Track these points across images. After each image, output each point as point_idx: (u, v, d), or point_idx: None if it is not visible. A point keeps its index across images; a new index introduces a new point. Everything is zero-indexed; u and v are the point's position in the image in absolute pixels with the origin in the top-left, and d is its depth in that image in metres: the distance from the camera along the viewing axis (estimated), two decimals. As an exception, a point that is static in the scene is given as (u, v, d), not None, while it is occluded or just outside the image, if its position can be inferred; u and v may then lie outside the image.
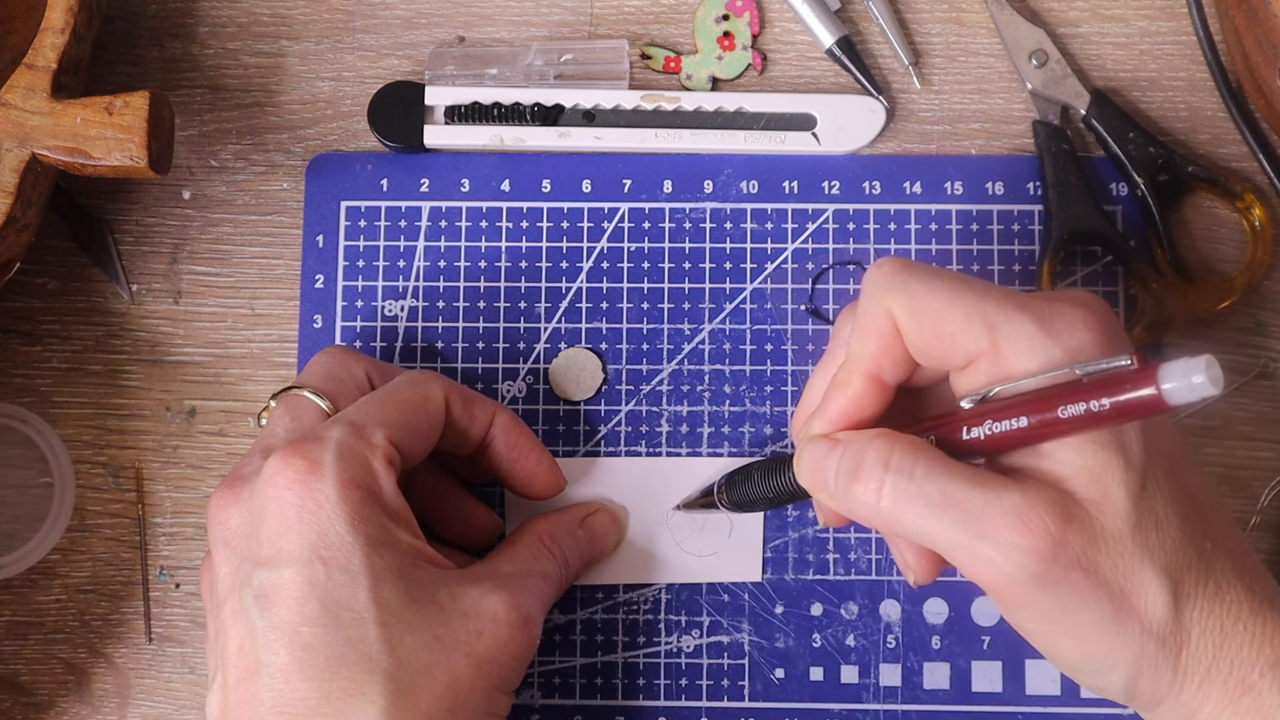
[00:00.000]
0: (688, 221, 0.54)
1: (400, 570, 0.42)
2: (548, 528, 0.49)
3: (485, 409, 0.48)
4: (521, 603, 0.44)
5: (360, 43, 0.55)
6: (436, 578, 0.43)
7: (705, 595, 0.52)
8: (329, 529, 0.41)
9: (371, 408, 0.44)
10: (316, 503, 0.41)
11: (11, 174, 0.48)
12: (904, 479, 0.39)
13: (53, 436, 0.53)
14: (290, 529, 0.41)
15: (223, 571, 0.43)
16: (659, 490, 0.52)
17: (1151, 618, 0.38)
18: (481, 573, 0.45)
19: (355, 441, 0.43)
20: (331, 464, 0.42)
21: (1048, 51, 0.54)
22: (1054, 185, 0.52)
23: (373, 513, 0.42)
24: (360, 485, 0.42)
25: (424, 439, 0.46)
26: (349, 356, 0.48)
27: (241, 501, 0.43)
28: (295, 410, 0.45)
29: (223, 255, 0.54)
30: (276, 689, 0.40)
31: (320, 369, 0.47)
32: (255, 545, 0.42)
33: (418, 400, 0.46)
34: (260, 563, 0.41)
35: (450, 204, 0.54)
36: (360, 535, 0.41)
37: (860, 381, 0.42)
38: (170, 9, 0.56)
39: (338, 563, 0.41)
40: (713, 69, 0.55)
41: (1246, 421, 0.53)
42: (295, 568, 0.41)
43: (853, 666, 0.51)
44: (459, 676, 0.42)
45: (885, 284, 0.41)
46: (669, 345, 0.53)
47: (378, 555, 0.41)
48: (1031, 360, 0.39)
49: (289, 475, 0.42)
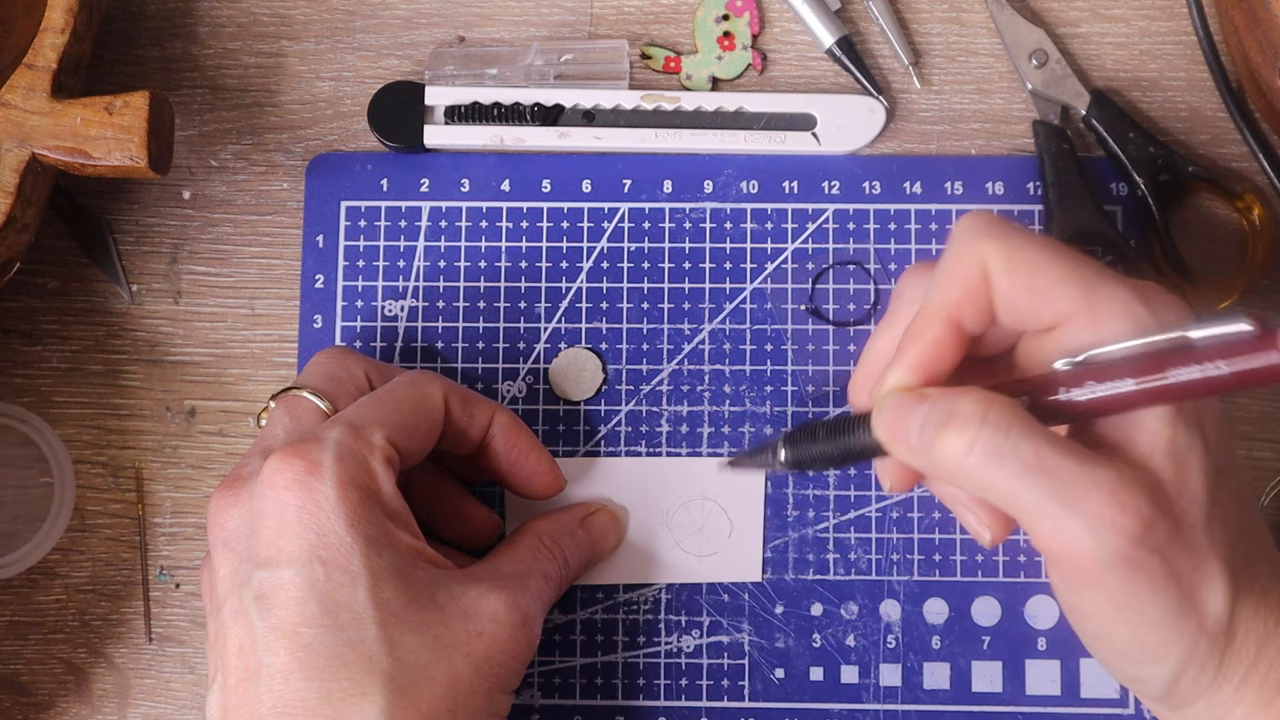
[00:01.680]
0: (688, 221, 0.54)
1: (399, 570, 0.42)
2: (548, 528, 0.49)
3: (485, 409, 0.48)
4: (522, 603, 0.44)
5: (360, 43, 0.55)
6: (436, 578, 0.43)
7: (705, 595, 0.52)
8: (328, 529, 0.41)
9: (371, 408, 0.44)
10: (316, 503, 0.41)
11: (11, 174, 0.48)
12: (1000, 435, 0.36)
13: (53, 436, 0.53)
14: (290, 530, 0.41)
15: (222, 572, 0.43)
16: (659, 490, 0.52)
17: (1210, 614, 0.37)
18: (481, 572, 0.45)
19: (354, 442, 0.43)
20: (331, 464, 0.42)
21: (1048, 51, 0.54)
22: (1054, 185, 0.52)
23: (372, 513, 0.42)
24: (359, 486, 0.42)
25: (423, 439, 0.46)
26: (348, 357, 0.48)
27: (241, 502, 0.43)
28: (294, 411, 0.45)
29: (223, 255, 0.54)
30: (276, 690, 0.40)
31: (319, 370, 0.47)
32: (255, 546, 0.42)
33: (417, 400, 0.46)
34: (260, 564, 0.41)
35: (450, 204, 0.54)
36: (359, 536, 0.41)
37: (939, 328, 0.39)
38: (170, 9, 0.56)
39: (337, 563, 0.41)
40: (713, 69, 0.55)
41: (1247, 421, 0.53)
42: (295, 568, 0.41)
43: (853, 666, 0.51)
44: (459, 677, 0.42)
45: (981, 230, 0.39)
46: (669, 345, 0.53)
47: (377, 555, 0.42)
48: (1128, 324, 0.37)
49: (288, 476, 0.42)
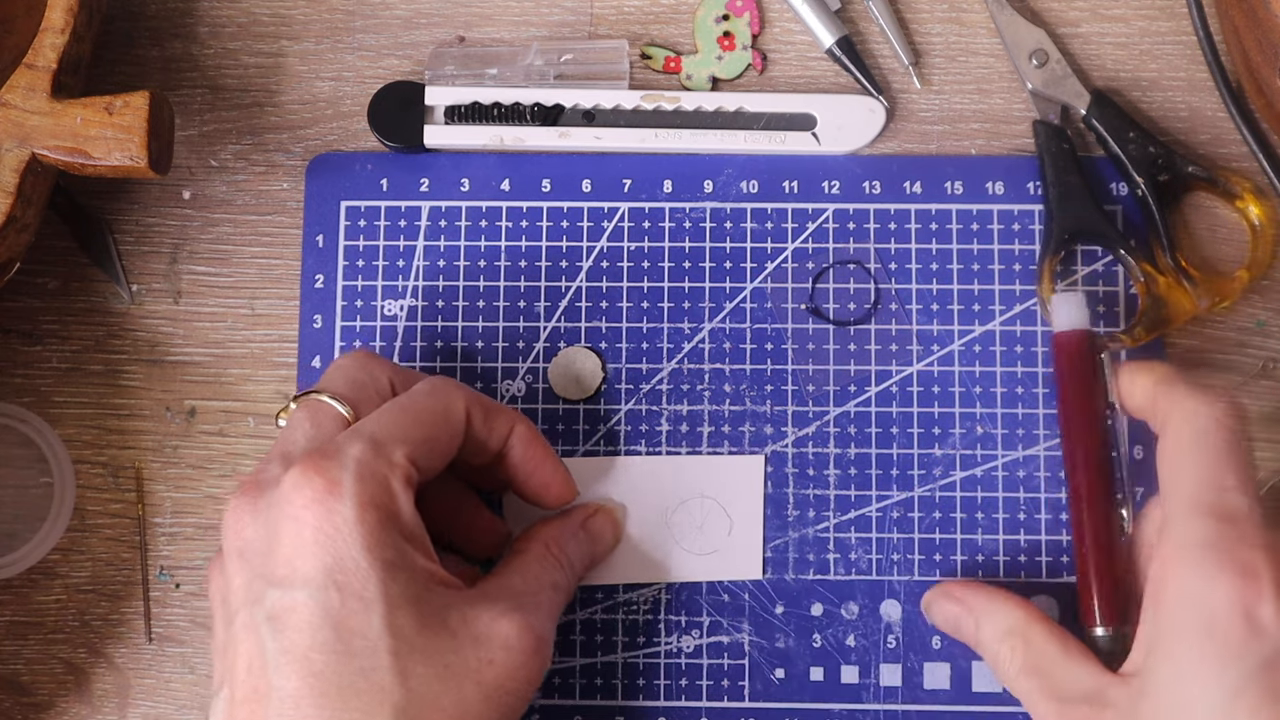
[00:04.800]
0: (688, 221, 0.54)
1: (414, 596, 0.41)
2: (554, 534, 0.49)
3: (505, 420, 0.47)
4: (535, 624, 0.44)
5: (360, 43, 0.55)
6: (449, 601, 0.42)
7: (705, 595, 0.52)
8: (345, 553, 0.41)
9: (393, 421, 0.44)
10: (334, 525, 0.41)
11: (11, 174, 0.48)
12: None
13: (53, 436, 0.53)
14: (306, 550, 0.41)
15: (236, 583, 0.42)
16: (659, 489, 0.52)
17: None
18: (495, 591, 0.45)
19: (375, 460, 0.42)
20: (350, 485, 0.41)
21: (1048, 51, 0.54)
22: (1054, 185, 0.52)
23: (389, 536, 0.41)
24: (378, 507, 0.41)
25: (444, 453, 0.45)
26: (372, 361, 0.47)
27: (259, 512, 0.42)
28: (316, 416, 0.45)
29: (223, 255, 0.54)
30: (286, 714, 0.40)
31: (342, 374, 0.46)
32: (270, 563, 0.41)
33: (439, 412, 0.45)
34: (274, 582, 0.41)
35: (450, 204, 0.54)
36: (376, 560, 0.41)
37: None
38: (170, 9, 0.56)
39: (353, 589, 0.40)
40: (713, 69, 0.55)
41: (1247, 421, 0.53)
42: (309, 591, 0.40)
43: (853, 667, 0.51)
44: (468, 708, 0.41)
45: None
46: (669, 345, 0.53)
47: (393, 581, 0.41)
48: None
49: (307, 494, 0.41)
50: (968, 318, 0.53)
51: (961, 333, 0.53)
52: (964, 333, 0.53)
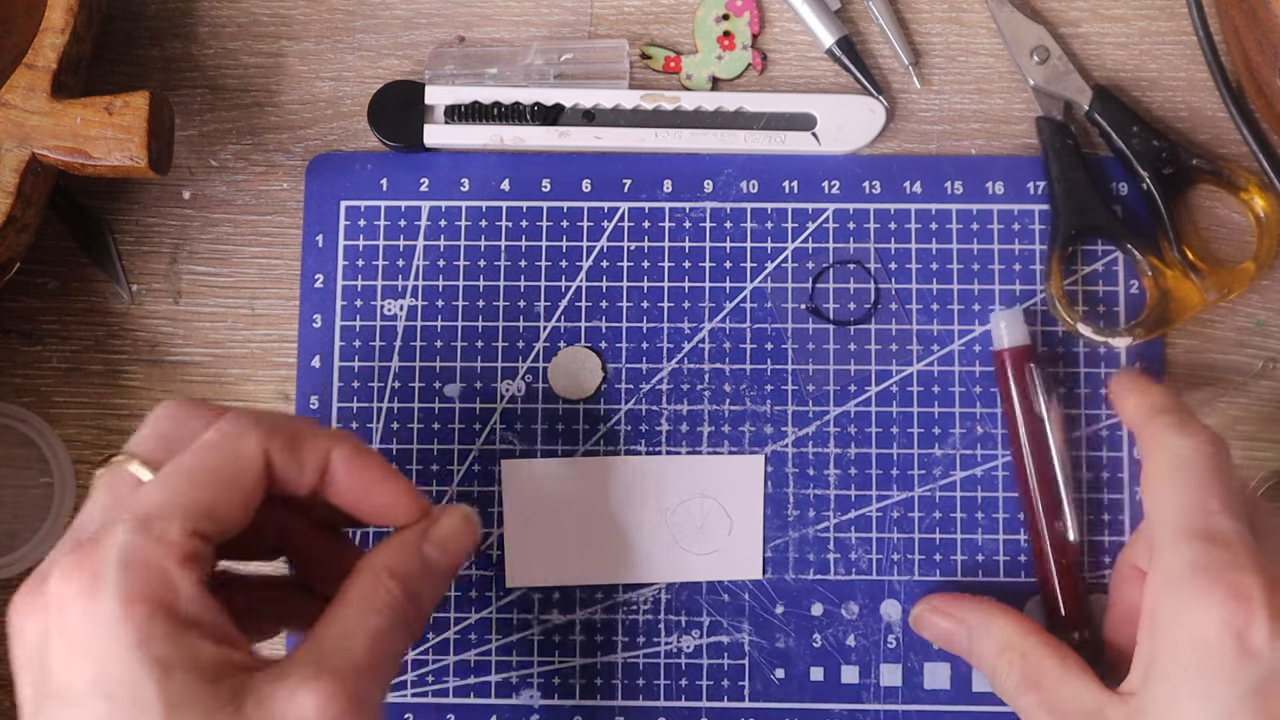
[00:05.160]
0: (688, 221, 0.54)
1: (196, 692, 0.37)
2: (386, 561, 0.42)
3: (317, 446, 0.42)
4: (345, 687, 0.38)
5: (360, 43, 0.55)
6: (243, 685, 0.38)
7: (705, 595, 0.52)
8: (111, 656, 0.36)
9: (168, 490, 0.39)
10: (96, 626, 0.36)
11: (11, 174, 0.48)
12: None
13: (53, 436, 0.53)
14: (74, 659, 0.37)
15: (25, 693, 0.38)
16: (659, 489, 0.52)
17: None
18: (302, 655, 0.39)
19: (144, 544, 0.37)
20: (114, 578, 0.37)
21: (1049, 47, 0.53)
22: (1059, 180, 0.52)
23: (163, 630, 0.37)
24: (148, 599, 0.37)
25: (238, 511, 0.40)
26: (184, 411, 0.42)
27: (35, 614, 0.38)
28: (115, 486, 0.40)
29: (223, 255, 0.54)
30: None
31: (152, 429, 0.41)
32: (45, 676, 0.38)
33: (224, 466, 0.40)
34: (49, 695, 0.37)
35: (450, 204, 0.54)
36: (147, 659, 0.36)
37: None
38: (170, 9, 0.56)
39: (125, 696, 0.36)
40: (713, 69, 0.55)
41: (1247, 421, 0.53)
42: (80, 707, 0.37)
43: (853, 667, 0.51)
44: None
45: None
46: (669, 344, 0.53)
47: (169, 681, 0.36)
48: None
49: (69, 591, 0.37)
50: (968, 318, 0.53)
51: (961, 333, 0.53)
52: (964, 333, 0.53)
